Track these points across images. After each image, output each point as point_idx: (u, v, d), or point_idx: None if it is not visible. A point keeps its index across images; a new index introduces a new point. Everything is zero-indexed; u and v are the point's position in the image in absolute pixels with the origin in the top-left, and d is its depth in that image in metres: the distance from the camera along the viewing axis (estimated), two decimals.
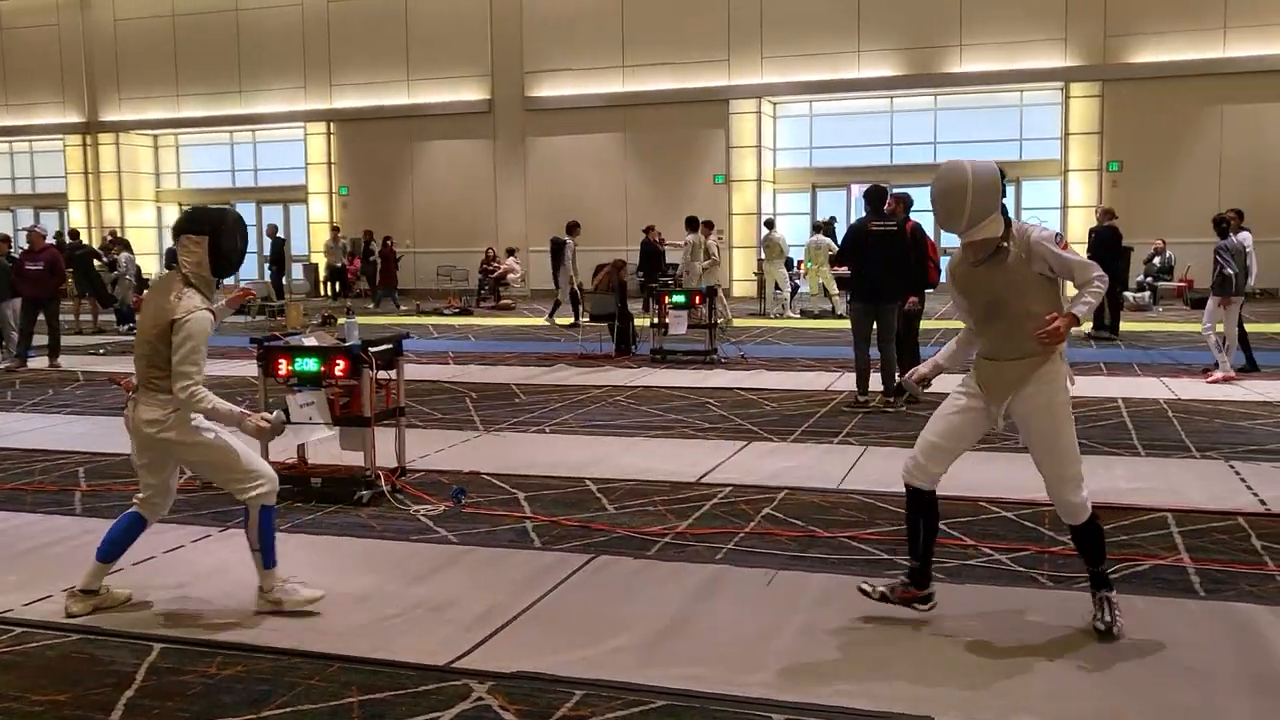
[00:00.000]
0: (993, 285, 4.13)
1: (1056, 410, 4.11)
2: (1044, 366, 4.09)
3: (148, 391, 4.50)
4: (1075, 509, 4.18)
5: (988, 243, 4.11)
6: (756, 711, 3.60)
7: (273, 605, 4.57)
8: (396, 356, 6.90)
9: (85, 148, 30.32)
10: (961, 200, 4.04)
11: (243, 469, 4.56)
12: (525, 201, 26.46)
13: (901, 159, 24.98)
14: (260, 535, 4.58)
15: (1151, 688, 3.76)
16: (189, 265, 4.52)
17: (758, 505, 6.25)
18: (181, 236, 4.56)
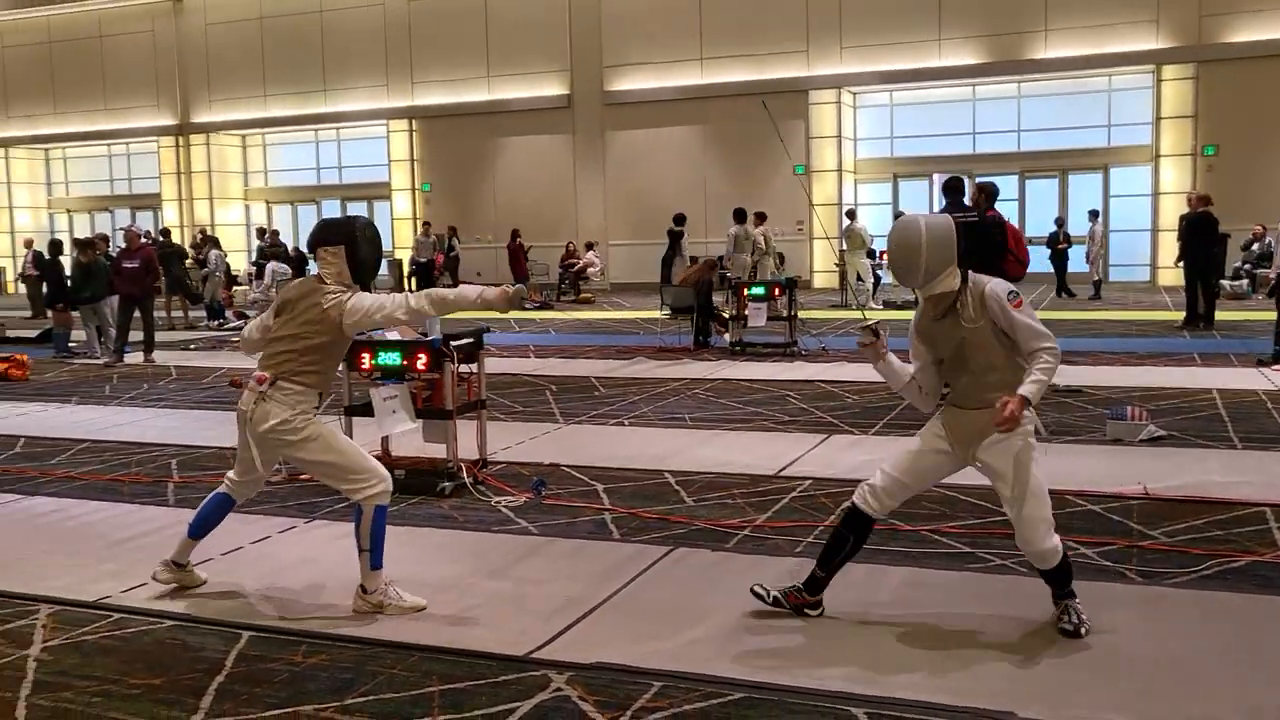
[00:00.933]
0: (954, 338, 4.12)
1: (1022, 456, 4.05)
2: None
3: (284, 387, 4.49)
4: (1045, 555, 4.11)
5: (945, 296, 4.11)
6: (837, 705, 3.57)
7: (374, 608, 4.52)
8: (477, 350, 6.97)
9: (178, 149, 31.17)
10: (916, 256, 4.05)
11: (358, 468, 4.53)
12: (604, 196, 26.55)
13: (984, 148, 24.54)
14: (371, 535, 4.52)
15: (1245, 687, 3.64)
16: (330, 276, 4.58)
17: (838, 499, 6.18)
18: (319, 250, 4.61)
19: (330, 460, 4.54)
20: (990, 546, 5.23)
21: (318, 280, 4.62)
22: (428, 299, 4.59)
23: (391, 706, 3.65)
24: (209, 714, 3.63)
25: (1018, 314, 3.99)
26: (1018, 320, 3.99)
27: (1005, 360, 4.06)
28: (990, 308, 4.02)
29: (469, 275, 26.76)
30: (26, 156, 33.79)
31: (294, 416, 4.48)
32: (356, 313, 4.49)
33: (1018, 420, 3.90)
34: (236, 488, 4.80)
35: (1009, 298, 4.01)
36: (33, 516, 6.33)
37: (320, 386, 4.60)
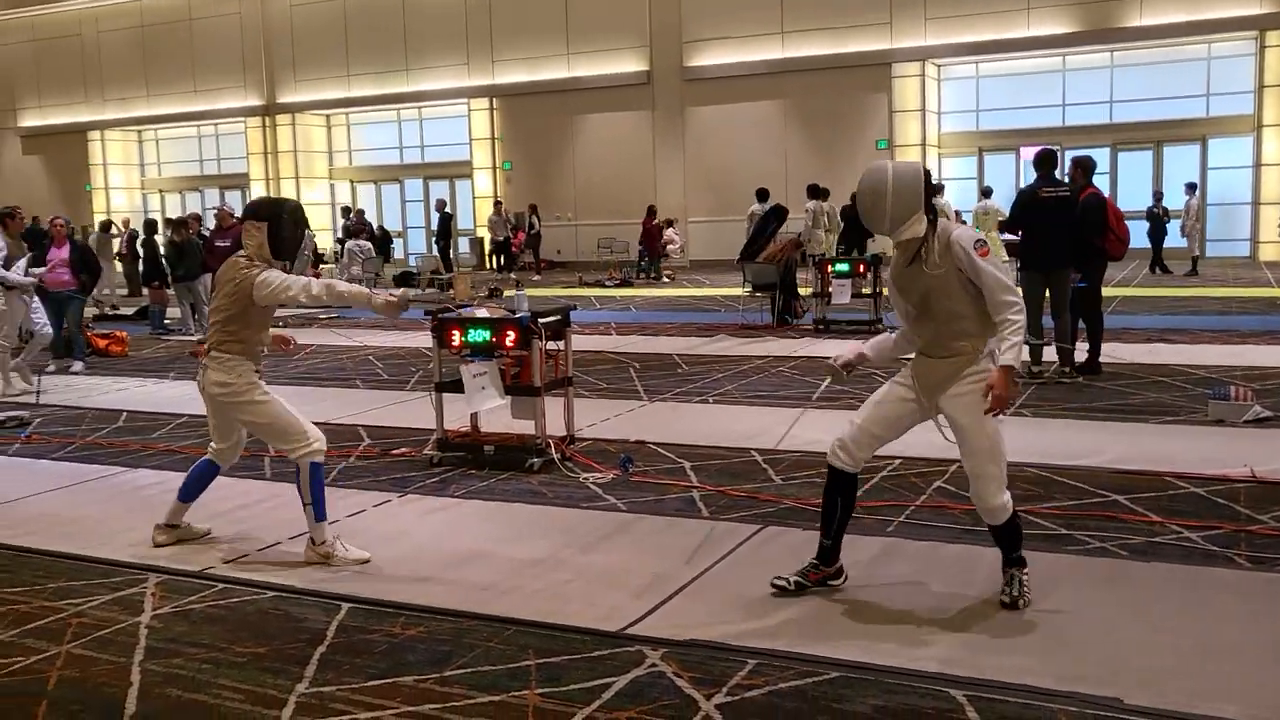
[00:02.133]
0: (920, 284, 4.13)
1: (979, 408, 4.04)
2: (972, 365, 4.10)
3: (216, 356, 4.95)
4: (995, 511, 4.14)
5: (913, 242, 4.11)
6: (935, 686, 3.53)
7: (322, 558, 4.94)
8: (564, 328, 7.01)
9: (264, 129, 31.78)
10: (882, 202, 4.06)
11: (294, 431, 4.96)
12: (684, 172, 26.45)
13: (1075, 119, 23.91)
14: (311, 490, 4.96)
15: None
16: (251, 249, 4.96)
17: (928, 478, 6.11)
18: (245, 222, 5.01)
19: (268, 423, 5.00)
20: (1087, 529, 5.12)
21: (244, 257, 4.98)
22: (326, 289, 4.98)
23: (489, 679, 3.70)
24: (313, 683, 3.72)
25: (983, 262, 3.99)
26: (983, 268, 3.98)
27: (971, 309, 4.07)
28: (956, 254, 4.02)
29: (549, 252, 26.94)
30: (121, 139, 34.76)
31: (235, 381, 4.94)
32: (265, 287, 4.85)
33: (1005, 397, 3.98)
34: (217, 454, 5.23)
35: (975, 245, 4.02)
36: (137, 489, 6.53)
37: (246, 354, 4.98)
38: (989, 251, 4.04)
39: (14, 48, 34.71)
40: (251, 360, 5.01)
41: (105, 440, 8.03)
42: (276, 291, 4.86)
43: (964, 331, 4.08)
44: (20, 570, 5.06)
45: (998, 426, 4.10)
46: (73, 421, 8.87)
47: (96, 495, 6.45)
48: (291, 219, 5.02)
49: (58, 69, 34.04)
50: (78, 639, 4.17)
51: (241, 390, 4.93)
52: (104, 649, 4.06)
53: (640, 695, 3.54)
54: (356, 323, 15.88)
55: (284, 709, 3.52)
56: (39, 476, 6.94)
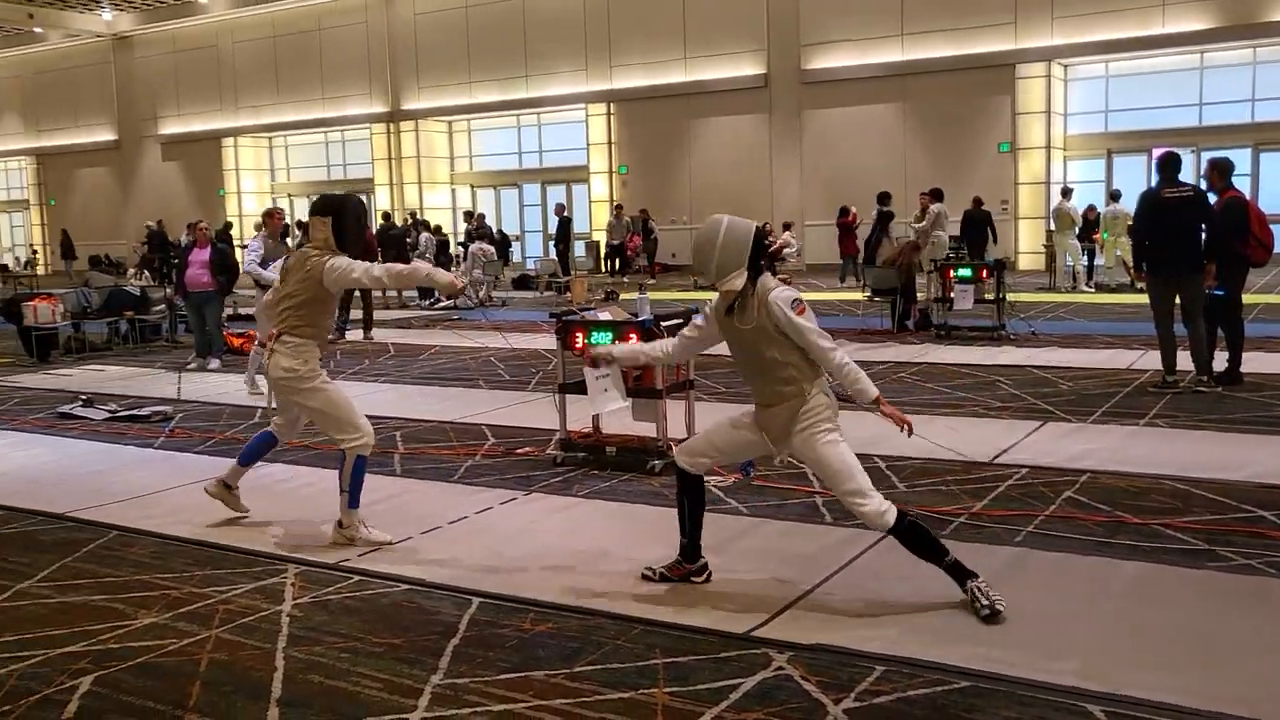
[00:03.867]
0: (743, 336, 4.34)
1: (818, 438, 4.29)
2: (803, 405, 4.30)
3: (287, 340, 5.29)
4: (870, 518, 4.27)
5: (730, 294, 4.32)
6: (1070, 700, 3.46)
7: (346, 539, 5.31)
8: None
9: (389, 135, 32.63)
10: (710, 253, 4.32)
11: (348, 423, 5.30)
12: (800, 175, 26.27)
13: (1212, 119, 22.97)
14: (352, 479, 5.29)
15: None
16: (318, 242, 5.32)
17: (1058, 488, 5.97)
18: (312, 218, 5.35)
19: (327, 411, 5.33)
20: (1231, 544, 4.94)
21: (313, 248, 5.34)
22: (385, 272, 5.38)
23: (618, 676, 3.75)
24: (446, 674, 3.83)
25: (800, 320, 4.21)
26: (801, 325, 4.21)
27: (794, 355, 4.28)
28: (774, 313, 4.23)
29: (664, 255, 27.05)
30: (252, 145, 36.09)
31: (299, 366, 5.27)
32: (334, 271, 5.21)
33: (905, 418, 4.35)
34: (279, 429, 5.73)
35: (792, 305, 4.23)
36: (274, 482, 6.79)
37: (316, 338, 5.36)
38: (805, 309, 4.27)
39: (156, 59, 36.36)
40: (319, 344, 5.38)
41: (242, 435, 8.35)
42: (343, 275, 5.23)
43: (789, 378, 4.29)
44: (170, 558, 5.32)
45: (839, 446, 4.33)
46: (212, 417, 9.26)
47: None
48: (353, 213, 5.40)
49: (195, 79, 35.53)
50: (225, 624, 4.37)
51: (305, 377, 5.29)
52: (250, 635, 4.25)
53: (768, 697, 3.55)
54: (478, 324, 16.20)
55: (420, 698, 3.64)
56: (183, 469, 7.28)
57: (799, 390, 4.31)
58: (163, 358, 13.65)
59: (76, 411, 9.45)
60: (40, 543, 5.67)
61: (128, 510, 6.23)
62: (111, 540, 5.66)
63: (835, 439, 4.36)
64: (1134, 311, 14.52)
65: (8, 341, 14.96)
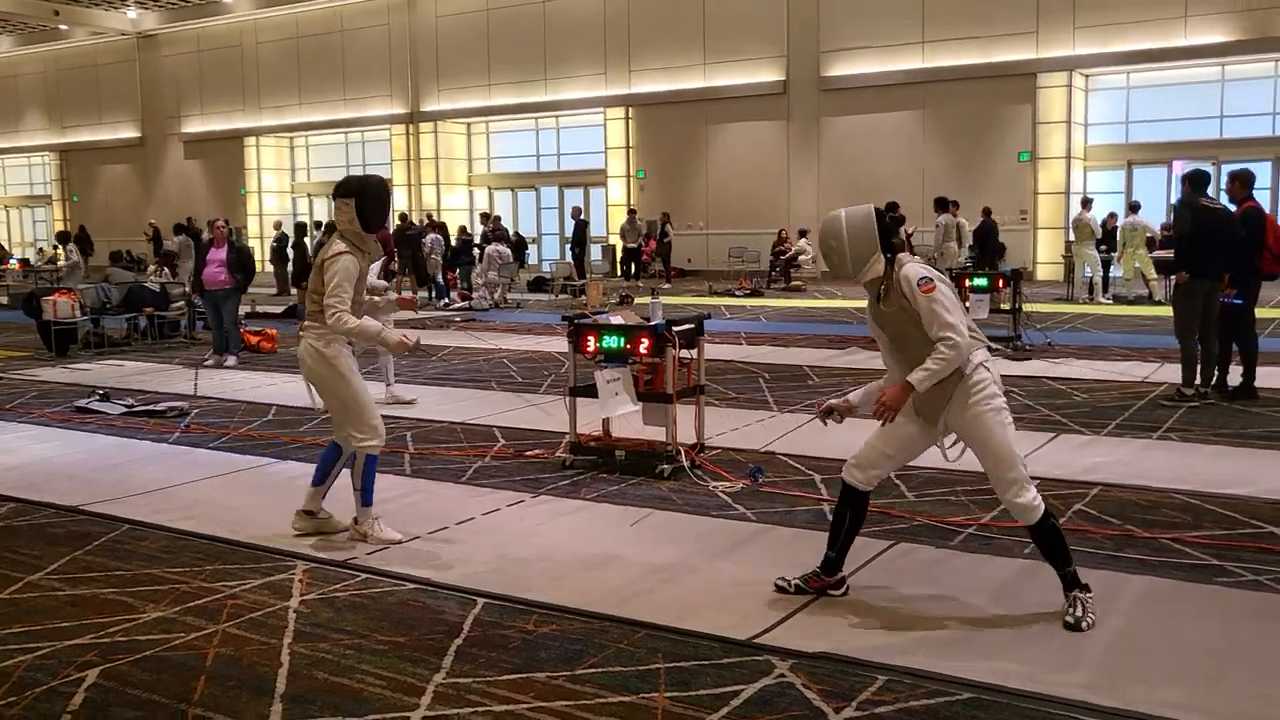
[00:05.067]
0: (892, 320, 4.31)
1: (984, 419, 4.19)
2: (963, 382, 4.19)
3: (310, 326, 5.31)
4: (1023, 510, 4.21)
5: (875, 282, 4.30)
6: (1074, 714, 3.45)
7: (360, 537, 5.34)
8: (697, 336, 7.05)
9: (408, 136, 32.75)
10: (840, 250, 4.28)
11: (364, 420, 5.30)
12: (818, 182, 26.23)
13: (1233, 132, 22.85)
14: (364, 479, 5.34)
15: None
16: (343, 223, 5.33)
17: (1068, 500, 5.95)
18: (336, 199, 5.37)
19: (349, 405, 5.32)
20: (1240, 560, 4.92)
21: (337, 233, 5.36)
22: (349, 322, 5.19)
23: (619, 680, 3.76)
24: (450, 673, 3.84)
25: (925, 297, 4.13)
26: (923, 305, 4.14)
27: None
28: (905, 291, 4.18)
29: (679, 260, 27.05)
30: (274, 144, 36.28)
31: (325, 350, 5.26)
32: (326, 271, 5.21)
33: (891, 409, 4.19)
34: (338, 437, 5.51)
35: (920, 282, 4.15)
36: (287, 479, 6.82)
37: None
38: (934, 288, 4.16)
39: (181, 58, 36.59)
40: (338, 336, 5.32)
41: (256, 432, 8.41)
42: (326, 282, 5.18)
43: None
44: (180, 552, 5.36)
45: (1006, 429, 4.21)
46: (227, 413, 9.32)
47: (248, 484, 6.78)
48: (374, 193, 5.37)
49: (219, 78, 35.75)
50: (232, 619, 4.39)
51: (331, 359, 5.27)
52: (256, 630, 4.27)
53: (769, 704, 3.55)
54: (491, 325, 16.24)
55: (423, 697, 3.65)
56: (197, 464, 7.32)
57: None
58: (180, 354, 13.73)
59: (93, 405, 9.52)
60: (52, 535, 5.71)
61: (140, 504, 6.27)
62: (123, 534, 5.70)
63: (1005, 419, 4.23)
64: (1151, 324, 14.45)
65: (28, 336, 15.08)
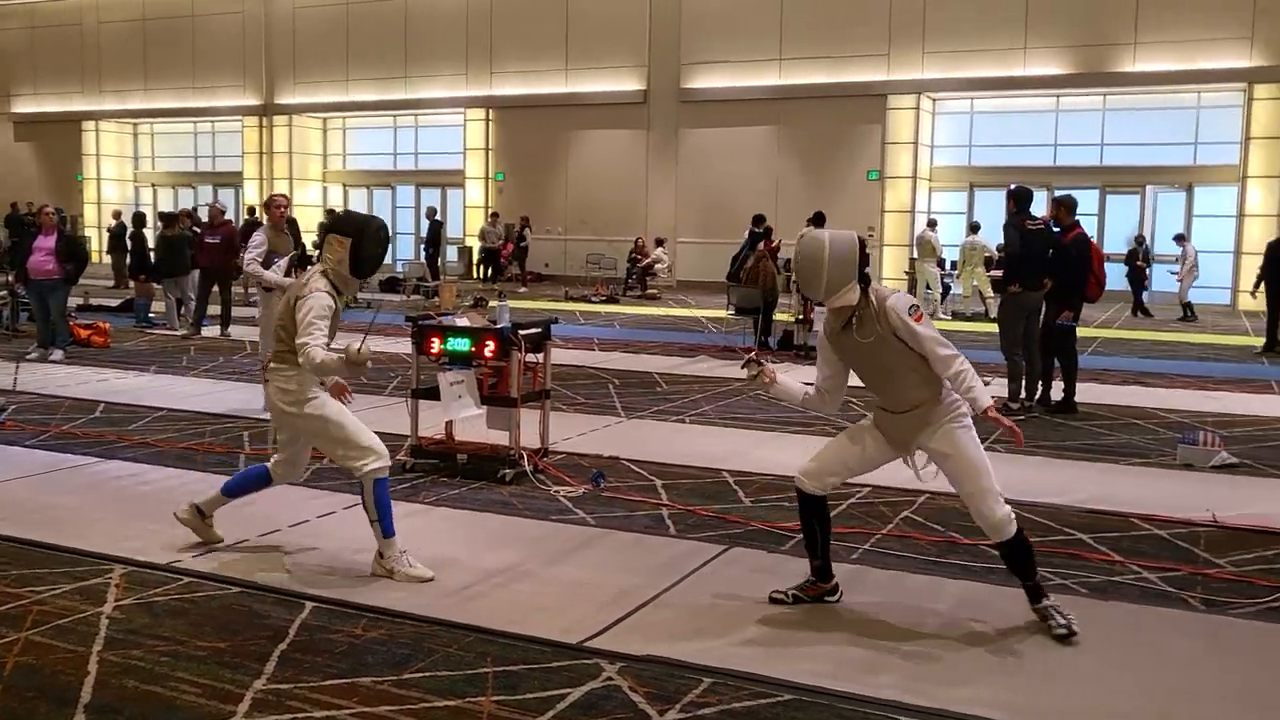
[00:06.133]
0: (860, 349, 4.32)
1: (956, 435, 4.27)
2: (938, 406, 4.28)
3: (276, 368, 4.89)
4: (1000, 524, 4.26)
5: (845, 310, 4.30)
6: (886, 713, 3.57)
7: (385, 573, 4.79)
8: (544, 340, 7.05)
9: (261, 129, 31.76)
10: (819, 271, 4.25)
11: (356, 444, 4.83)
12: (676, 192, 26.54)
13: (1066, 160, 24.07)
14: (376, 507, 4.81)
15: None
16: (330, 261, 4.88)
17: (897, 508, 6.17)
18: (329, 235, 4.94)
19: (332, 433, 4.86)
20: (1051, 566, 5.16)
21: (319, 270, 4.90)
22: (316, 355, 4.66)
23: (446, 684, 3.73)
24: (271, 679, 3.74)
25: (920, 327, 4.19)
26: (920, 333, 4.18)
27: (920, 361, 4.24)
28: (892, 322, 4.21)
29: (536, 265, 26.99)
30: (116, 131, 34.66)
31: (297, 389, 4.84)
32: (300, 310, 4.75)
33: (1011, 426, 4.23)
34: (277, 468, 5.14)
35: (909, 311, 4.21)
36: (110, 479, 6.53)
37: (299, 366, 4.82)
38: (922, 315, 4.26)
39: (10, 33, 34.60)
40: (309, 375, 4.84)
41: (81, 430, 8.02)
42: (300, 322, 4.72)
43: (919, 382, 4.26)
44: None
45: (978, 445, 4.29)
46: (49, 410, 8.85)
47: (67, 484, 6.45)
48: (375, 238, 4.90)
49: (55, 57, 33.93)
50: (37, 626, 4.17)
51: (303, 399, 4.84)
52: (63, 637, 4.07)
53: (594, 708, 3.57)
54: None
55: (240, 704, 3.54)
56: (10, 463, 6.93)
57: (930, 395, 4.27)
58: (1, 346, 12.99)
59: None
60: None
61: None
62: None
63: (972, 435, 4.30)
64: (985, 340, 15.09)
65: None
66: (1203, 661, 4.07)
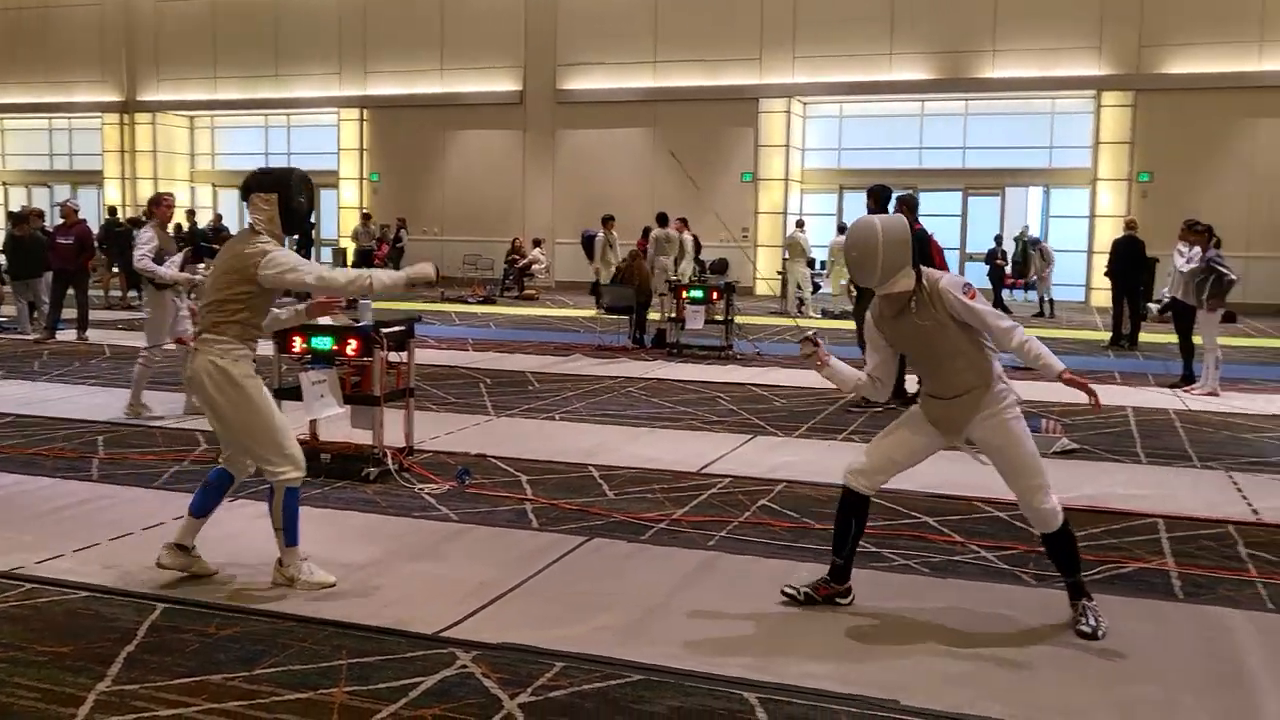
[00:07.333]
0: (918, 335, 4.29)
1: (1010, 426, 4.26)
2: (988, 394, 4.26)
3: (208, 339, 4.54)
4: (1047, 516, 4.30)
5: (903, 295, 4.26)
6: (732, 690, 3.71)
7: (286, 581, 4.64)
8: (408, 338, 7.04)
9: (122, 126, 30.68)
10: (873, 258, 4.19)
11: (280, 449, 4.58)
12: (553, 193, 26.59)
13: (931, 163, 24.92)
14: (285, 515, 4.63)
15: (1115, 682, 3.85)
16: (261, 223, 4.63)
17: (755, 496, 6.35)
18: (251, 195, 4.65)
19: (258, 431, 4.55)
20: (896, 547, 5.42)
21: (250, 231, 4.64)
22: (344, 276, 4.63)
23: (299, 677, 3.73)
24: (116, 681, 3.69)
25: (975, 304, 4.20)
26: (977, 309, 4.20)
27: (970, 345, 4.25)
28: (948, 302, 4.19)
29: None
30: None
31: (229, 367, 4.50)
32: (272, 265, 4.48)
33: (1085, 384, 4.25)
34: (229, 462, 4.79)
35: (963, 290, 4.21)
36: None
37: (242, 337, 4.57)
38: (976, 293, 4.25)
39: None
40: (248, 348, 4.61)
41: None
42: (281, 274, 4.49)
43: (969, 367, 4.24)
44: None
45: (1029, 437, 4.30)
46: None
47: None
48: (300, 187, 4.69)
49: None
50: None
51: (238, 379, 4.50)
52: None
53: (447, 694, 3.63)
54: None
55: (81, 707, 3.49)
56: None
57: (979, 381, 4.24)
58: None
59: None
60: None
61: None
62: None
63: (1024, 427, 4.28)
64: (850, 337, 15.52)
65: None
66: (1030, 631, 4.32)
